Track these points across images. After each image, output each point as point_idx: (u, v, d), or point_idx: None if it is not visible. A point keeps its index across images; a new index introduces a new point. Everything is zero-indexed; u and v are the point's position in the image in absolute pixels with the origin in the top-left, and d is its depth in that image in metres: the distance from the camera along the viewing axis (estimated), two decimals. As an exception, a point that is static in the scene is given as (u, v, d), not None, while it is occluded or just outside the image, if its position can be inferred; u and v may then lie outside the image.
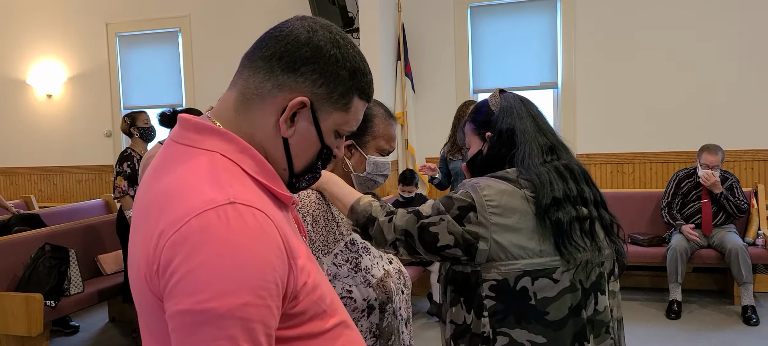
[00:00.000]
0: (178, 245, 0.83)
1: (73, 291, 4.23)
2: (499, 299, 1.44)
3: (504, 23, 5.91)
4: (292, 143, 0.98)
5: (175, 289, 0.82)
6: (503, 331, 1.44)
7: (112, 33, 7.08)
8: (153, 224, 0.87)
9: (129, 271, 0.94)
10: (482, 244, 1.41)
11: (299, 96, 0.95)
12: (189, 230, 0.83)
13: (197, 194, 0.86)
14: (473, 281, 1.46)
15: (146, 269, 0.86)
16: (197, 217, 0.83)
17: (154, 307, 0.88)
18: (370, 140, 1.72)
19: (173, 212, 0.85)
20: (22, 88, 7.41)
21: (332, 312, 1.01)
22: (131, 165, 4.46)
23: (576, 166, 1.54)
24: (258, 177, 0.94)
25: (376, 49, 5.39)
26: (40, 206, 6.67)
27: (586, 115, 5.69)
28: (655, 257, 4.86)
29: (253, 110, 0.96)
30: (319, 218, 1.64)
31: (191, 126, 0.97)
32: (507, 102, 1.59)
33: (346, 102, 0.99)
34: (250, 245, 0.84)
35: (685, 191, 4.95)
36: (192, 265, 0.82)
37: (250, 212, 0.86)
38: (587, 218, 1.49)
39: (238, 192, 0.87)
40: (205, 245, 0.82)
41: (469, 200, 1.44)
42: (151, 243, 0.85)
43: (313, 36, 0.96)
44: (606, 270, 1.52)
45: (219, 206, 0.85)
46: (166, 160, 0.96)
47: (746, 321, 4.41)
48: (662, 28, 5.47)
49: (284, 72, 0.95)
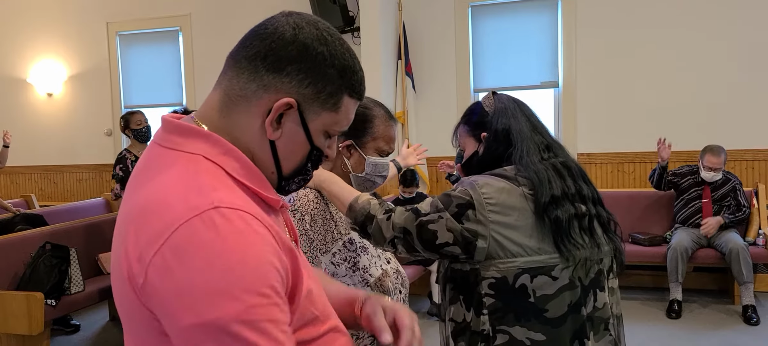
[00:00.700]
0: (166, 258, 0.79)
1: (73, 290, 4.24)
2: (499, 297, 1.44)
3: (505, 22, 5.90)
4: (280, 146, 0.94)
5: (172, 305, 0.78)
6: (503, 329, 1.44)
7: (113, 32, 7.08)
8: (135, 236, 0.83)
9: (112, 275, 0.91)
10: (481, 242, 1.41)
11: (285, 97, 0.91)
12: (176, 241, 0.79)
13: (180, 202, 0.82)
14: (472, 279, 1.46)
15: (131, 281, 0.82)
16: (183, 226, 0.79)
17: (137, 313, 0.84)
18: (369, 141, 1.72)
19: (157, 222, 0.81)
20: (23, 87, 7.41)
21: (325, 317, 0.99)
22: (124, 168, 4.46)
23: (573, 164, 1.55)
24: (243, 180, 0.90)
25: (377, 48, 5.39)
26: (41, 204, 6.68)
27: (586, 114, 5.69)
28: (656, 256, 4.86)
29: (237, 112, 0.92)
30: (317, 216, 1.64)
31: (173, 128, 0.93)
32: (501, 103, 1.61)
33: (335, 102, 0.94)
34: (241, 247, 0.80)
35: (685, 186, 4.95)
36: (184, 277, 0.78)
37: (236, 215, 0.82)
38: (585, 215, 1.50)
39: (222, 196, 0.83)
40: (195, 255, 0.78)
41: (467, 198, 1.44)
42: (135, 255, 0.82)
43: (299, 33, 0.91)
44: (605, 267, 1.53)
45: (203, 212, 0.80)
46: (148, 164, 0.93)
47: (747, 321, 4.41)
48: (663, 27, 5.46)
49: (269, 72, 0.91)
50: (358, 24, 5.76)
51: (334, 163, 1.75)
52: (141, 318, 0.84)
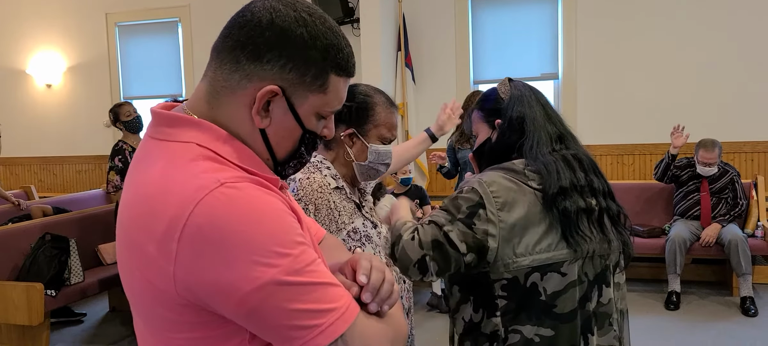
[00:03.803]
0: (193, 241, 0.80)
1: (73, 281, 4.24)
2: (511, 298, 1.42)
3: (505, 14, 5.89)
4: (270, 133, 0.93)
5: (220, 284, 0.80)
6: (515, 328, 1.43)
7: (112, 23, 7.06)
8: (147, 227, 0.83)
9: (122, 268, 0.92)
10: (491, 242, 1.39)
11: (269, 85, 0.89)
12: (197, 222, 0.80)
13: (185, 186, 0.83)
14: (484, 282, 1.44)
15: (155, 271, 0.83)
16: (198, 207, 0.80)
17: (161, 303, 0.85)
18: (371, 129, 1.72)
19: (168, 209, 0.82)
20: (22, 78, 7.40)
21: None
22: (123, 159, 4.43)
23: (584, 157, 1.53)
24: (238, 163, 0.90)
25: (377, 40, 5.37)
26: (41, 196, 6.68)
27: (586, 106, 5.69)
28: (654, 248, 4.87)
29: (225, 103, 0.91)
30: (321, 206, 1.64)
31: (164, 120, 0.93)
32: (517, 90, 1.57)
33: (322, 83, 0.92)
34: (262, 208, 0.83)
35: (685, 178, 4.95)
36: (221, 254, 0.79)
37: (243, 185, 0.84)
38: (595, 208, 1.48)
39: (225, 174, 0.85)
40: (221, 230, 0.80)
41: (477, 198, 1.42)
42: (153, 246, 0.82)
43: (276, 17, 0.89)
44: (612, 262, 1.51)
45: (212, 190, 0.82)
46: (143, 157, 0.92)
47: (745, 312, 4.43)
48: (663, 19, 5.45)
49: (250, 61, 0.89)
50: (358, 15, 5.74)
51: (336, 153, 1.75)
52: (170, 306, 0.85)
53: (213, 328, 0.85)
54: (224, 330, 0.85)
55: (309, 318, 0.82)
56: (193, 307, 0.84)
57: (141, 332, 0.96)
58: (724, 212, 4.80)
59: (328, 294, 0.84)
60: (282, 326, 0.82)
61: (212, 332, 0.85)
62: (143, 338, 0.95)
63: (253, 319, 0.82)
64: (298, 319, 0.82)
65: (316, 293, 0.83)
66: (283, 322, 0.82)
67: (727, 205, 4.81)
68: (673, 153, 4.85)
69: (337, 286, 0.87)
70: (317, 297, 0.83)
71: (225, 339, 0.86)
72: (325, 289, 0.85)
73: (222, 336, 0.86)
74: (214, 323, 0.85)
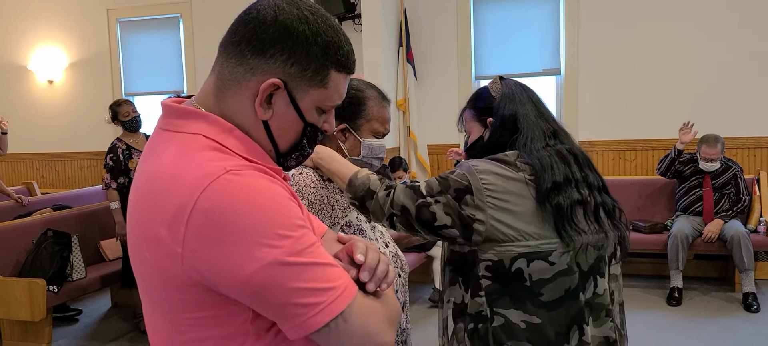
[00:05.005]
0: (201, 224, 0.84)
1: (75, 277, 4.25)
2: (495, 280, 1.44)
3: (506, 9, 5.88)
4: (273, 125, 0.98)
5: (225, 266, 0.85)
6: (499, 311, 1.45)
7: (113, 18, 7.06)
8: (156, 213, 0.88)
9: (133, 254, 0.95)
10: (478, 226, 1.41)
11: (271, 78, 0.94)
12: (204, 207, 0.85)
13: (192, 172, 0.88)
14: (470, 261, 1.47)
15: (164, 254, 0.87)
16: (205, 191, 0.85)
17: (172, 286, 0.89)
18: (364, 123, 1.71)
19: (175, 195, 0.87)
20: (24, 74, 7.40)
21: None
22: (114, 157, 4.44)
23: (579, 152, 1.54)
24: (243, 155, 0.95)
25: (378, 36, 5.36)
26: (42, 192, 6.69)
27: (588, 101, 5.68)
28: (656, 244, 4.86)
29: (230, 96, 0.97)
30: (314, 201, 1.64)
31: (173, 112, 0.98)
32: (508, 88, 1.59)
33: (322, 78, 0.97)
34: (265, 193, 0.87)
35: (687, 174, 4.94)
36: (227, 236, 0.84)
37: (248, 172, 0.89)
38: (591, 200, 1.49)
39: (230, 164, 0.89)
40: (228, 213, 0.84)
41: (466, 183, 1.44)
42: (163, 230, 0.87)
43: (280, 15, 0.94)
44: (606, 253, 1.52)
45: (218, 176, 0.86)
46: (153, 147, 0.98)
47: (747, 308, 4.42)
48: (665, 15, 5.43)
49: (254, 55, 0.94)
50: (359, 11, 5.73)
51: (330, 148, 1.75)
52: (179, 287, 0.89)
53: (219, 307, 0.90)
54: (230, 309, 0.90)
55: (310, 296, 0.87)
56: (200, 287, 0.88)
57: (150, 315, 1.00)
58: (726, 207, 4.79)
59: (327, 273, 0.89)
60: (284, 303, 0.87)
61: (219, 312, 0.90)
62: (152, 321, 0.99)
63: (257, 298, 0.87)
64: (300, 297, 0.86)
65: (316, 273, 0.88)
66: (285, 300, 0.86)
67: (729, 201, 4.81)
68: (679, 148, 4.85)
69: (337, 266, 0.92)
70: (317, 276, 0.88)
71: (230, 318, 0.90)
72: (325, 269, 0.89)
73: (228, 315, 0.90)
74: (221, 303, 0.89)
